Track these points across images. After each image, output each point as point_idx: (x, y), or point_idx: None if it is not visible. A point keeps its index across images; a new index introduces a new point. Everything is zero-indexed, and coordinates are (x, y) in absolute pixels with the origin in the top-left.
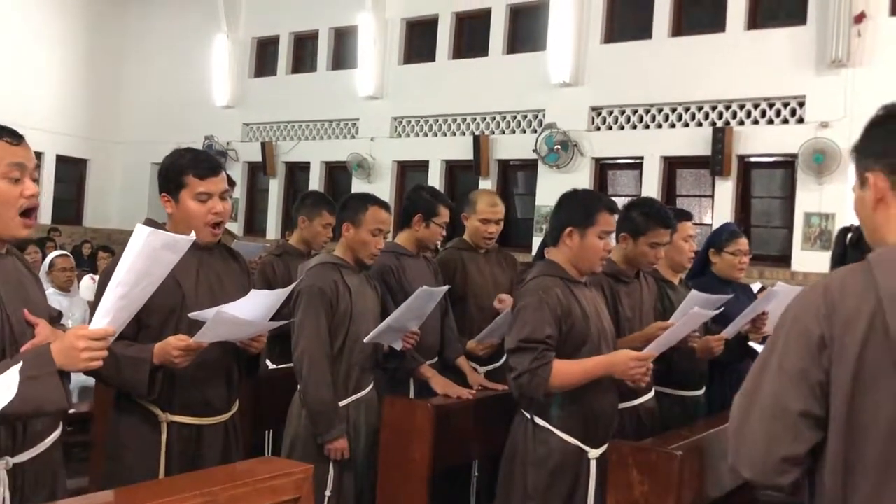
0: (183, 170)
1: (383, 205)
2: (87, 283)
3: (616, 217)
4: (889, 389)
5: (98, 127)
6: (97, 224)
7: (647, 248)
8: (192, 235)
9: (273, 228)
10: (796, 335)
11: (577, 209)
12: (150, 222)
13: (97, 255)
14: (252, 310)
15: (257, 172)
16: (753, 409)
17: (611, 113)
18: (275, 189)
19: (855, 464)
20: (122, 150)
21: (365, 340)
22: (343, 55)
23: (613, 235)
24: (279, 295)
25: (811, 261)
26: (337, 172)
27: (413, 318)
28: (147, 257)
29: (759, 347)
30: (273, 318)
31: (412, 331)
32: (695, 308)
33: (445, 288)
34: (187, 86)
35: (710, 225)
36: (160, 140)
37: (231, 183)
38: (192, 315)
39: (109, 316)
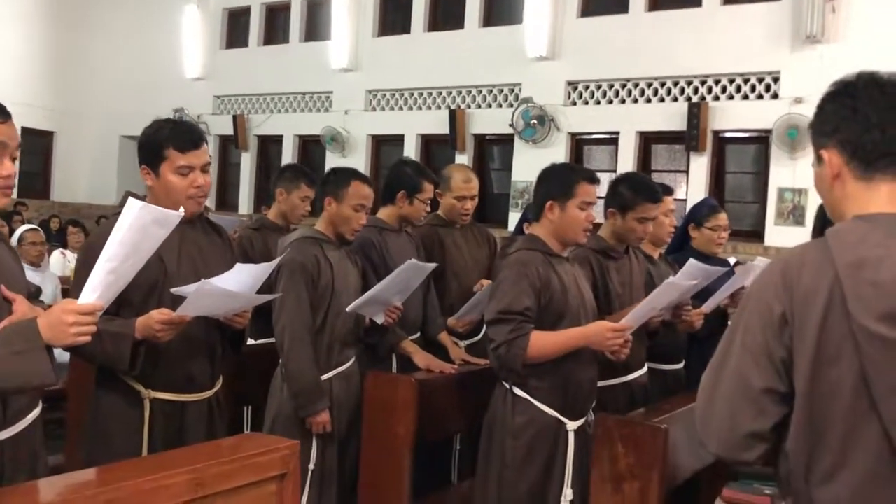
0: (163, 142)
1: (366, 180)
2: (58, 258)
3: (596, 187)
4: (849, 362)
5: (65, 99)
6: (65, 198)
7: (635, 223)
8: (181, 211)
9: (245, 202)
10: (758, 313)
11: (557, 182)
12: (131, 195)
13: (67, 230)
14: (236, 283)
15: (229, 146)
16: (719, 386)
17: (587, 88)
18: (247, 163)
19: (818, 435)
20: (90, 123)
21: (347, 310)
22: (316, 26)
23: (602, 209)
24: (264, 269)
25: (784, 236)
26: (310, 146)
27: (398, 291)
28: (138, 231)
29: None
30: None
31: (395, 305)
32: (670, 278)
33: (433, 265)
34: (157, 57)
35: (685, 200)
36: (129, 112)
37: None
38: (174, 290)
39: (98, 291)
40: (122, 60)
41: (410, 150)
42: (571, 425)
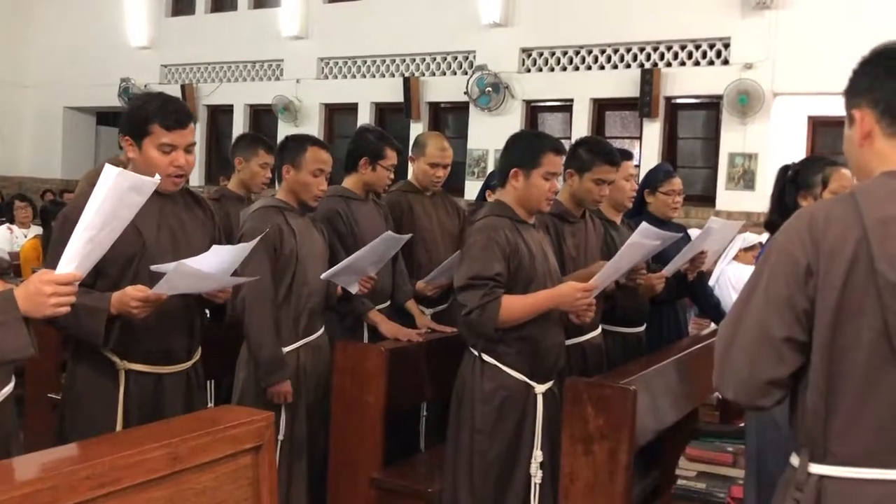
0: (149, 117)
1: (322, 145)
2: (3, 233)
3: (562, 158)
4: (871, 315)
5: (5, 69)
6: (7, 172)
7: (592, 185)
8: (157, 178)
9: (196, 174)
10: (783, 264)
11: (523, 151)
12: (116, 162)
13: (13, 205)
14: (212, 264)
15: None
16: (739, 335)
17: (541, 55)
18: (197, 133)
19: (837, 385)
20: (33, 94)
21: (321, 277)
22: None
23: (561, 178)
24: (241, 249)
25: (735, 200)
26: (262, 115)
27: (373, 262)
28: (115, 199)
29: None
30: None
31: (369, 275)
32: (635, 237)
33: (408, 236)
34: (101, 25)
35: (639, 166)
36: (73, 83)
37: None
38: (153, 268)
39: (76, 260)
40: (64, 29)
41: (364, 119)
42: (540, 388)
